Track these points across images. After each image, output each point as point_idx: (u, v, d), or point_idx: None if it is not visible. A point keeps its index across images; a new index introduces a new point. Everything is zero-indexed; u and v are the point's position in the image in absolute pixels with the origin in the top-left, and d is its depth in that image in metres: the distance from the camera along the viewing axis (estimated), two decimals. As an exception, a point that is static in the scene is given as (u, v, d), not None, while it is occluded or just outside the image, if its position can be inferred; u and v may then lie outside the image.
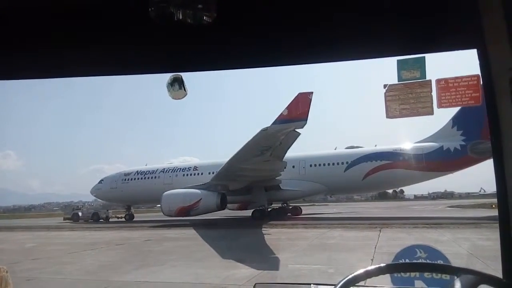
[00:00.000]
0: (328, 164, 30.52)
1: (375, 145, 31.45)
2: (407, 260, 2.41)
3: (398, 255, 2.47)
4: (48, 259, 13.21)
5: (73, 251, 15.40)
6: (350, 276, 1.57)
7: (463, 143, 27.15)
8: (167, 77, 2.00)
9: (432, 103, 1.95)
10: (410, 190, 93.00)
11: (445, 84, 1.94)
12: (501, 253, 1.75)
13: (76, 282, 9.58)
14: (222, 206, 28.12)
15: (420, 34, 1.78)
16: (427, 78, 1.94)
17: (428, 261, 2.37)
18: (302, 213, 34.73)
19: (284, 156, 26.00)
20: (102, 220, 39.43)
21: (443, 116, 29.35)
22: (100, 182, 37.56)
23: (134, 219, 36.87)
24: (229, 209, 35.86)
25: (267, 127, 22.64)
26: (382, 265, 1.68)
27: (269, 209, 30.61)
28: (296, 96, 22.87)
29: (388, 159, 28.77)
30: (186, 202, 26.98)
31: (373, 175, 28.84)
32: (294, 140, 24.22)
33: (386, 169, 28.58)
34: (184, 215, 27.22)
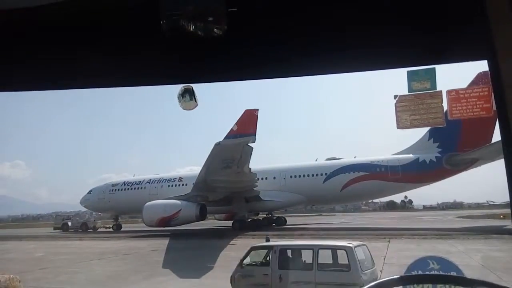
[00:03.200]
0: (308, 176, 30.75)
1: (354, 157, 31.85)
2: (419, 272, 2.37)
3: (411, 266, 2.43)
4: (56, 268, 13.24)
5: (81, 261, 15.42)
6: None
7: (438, 155, 27.30)
8: (176, 88, 2.02)
9: (443, 114, 1.94)
10: (418, 200, 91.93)
11: (456, 95, 1.94)
12: None
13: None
14: (201, 216, 28.31)
15: (431, 46, 1.78)
16: (438, 89, 1.94)
17: (441, 273, 2.33)
18: (306, 224, 34.92)
19: (248, 168, 26.28)
20: (90, 230, 39.80)
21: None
22: (89, 192, 37.68)
23: (122, 229, 36.76)
24: (217, 219, 36.49)
25: (219, 142, 23.45)
26: (395, 276, 1.64)
27: (249, 220, 30.66)
28: (244, 113, 23.82)
29: (365, 171, 28.98)
30: (166, 212, 27.13)
31: (351, 186, 29.08)
32: (250, 154, 24.63)
33: (363, 181, 28.81)
34: (165, 226, 27.28)
